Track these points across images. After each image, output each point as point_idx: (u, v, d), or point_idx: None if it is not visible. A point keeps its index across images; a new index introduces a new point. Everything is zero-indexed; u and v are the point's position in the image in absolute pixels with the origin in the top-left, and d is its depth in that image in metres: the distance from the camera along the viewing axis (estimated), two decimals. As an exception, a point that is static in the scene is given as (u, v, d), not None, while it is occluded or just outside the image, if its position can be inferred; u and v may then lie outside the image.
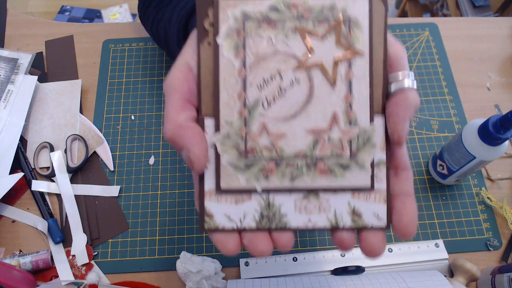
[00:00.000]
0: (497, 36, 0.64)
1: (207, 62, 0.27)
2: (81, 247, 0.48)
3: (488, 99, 0.59)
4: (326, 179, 0.26)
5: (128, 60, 0.61)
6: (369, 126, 0.26)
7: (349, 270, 0.45)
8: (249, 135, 0.26)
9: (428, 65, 0.61)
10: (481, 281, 0.46)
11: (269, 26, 0.27)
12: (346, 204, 0.27)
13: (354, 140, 0.27)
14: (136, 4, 0.56)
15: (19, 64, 0.58)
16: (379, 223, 0.26)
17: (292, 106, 0.26)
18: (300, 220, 0.27)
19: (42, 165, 0.53)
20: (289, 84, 0.26)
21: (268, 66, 0.26)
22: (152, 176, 0.53)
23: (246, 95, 0.26)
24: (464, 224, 0.50)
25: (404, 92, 0.26)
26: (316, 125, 0.26)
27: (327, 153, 0.26)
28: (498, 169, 0.54)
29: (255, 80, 0.26)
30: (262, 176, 0.26)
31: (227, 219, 0.26)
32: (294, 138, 0.26)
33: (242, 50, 0.26)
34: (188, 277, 0.45)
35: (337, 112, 0.27)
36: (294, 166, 0.26)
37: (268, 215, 0.27)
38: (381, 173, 0.27)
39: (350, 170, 0.26)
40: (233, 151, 0.26)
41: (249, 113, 0.26)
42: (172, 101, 0.26)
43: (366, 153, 0.27)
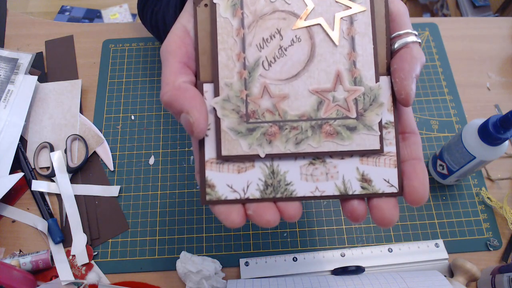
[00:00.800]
0: (497, 36, 0.64)
1: (204, 25, 0.26)
2: (81, 247, 0.48)
3: (488, 99, 0.59)
4: (333, 142, 0.25)
5: (128, 60, 0.61)
6: (375, 84, 0.25)
7: (349, 270, 0.45)
8: (250, 98, 0.25)
9: (428, 65, 0.61)
10: (481, 281, 0.46)
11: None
12: (354, 170, 0.25)
13: (360, 100, 0.25)
14: (136, 4, 0.56)
15: (19, 64, 0.58)
16: (391, 189, 0.25)
17: (294, 65, 0.25)
18: (306, 188, 0.25)
19: (42, 165, 0.53)
20: (289, 43, 0.25)
21: (267, 25, 0.25)
22: (152, 176, 0.53)
23: (245, 55, 0.25)
24: (464, 224, 0.50)
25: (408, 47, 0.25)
26: (319, 85, 0.25)
27: (332, 114, 0.25)
28: (498, 169, 0.54)
29: (254, 40, 0.25)
30: (265, 141, 0.25)
31: (229, 190, 0.25)
32: (297, 99, 0.25)
33: (239, 9, 0.25)
34: (188, 277, 0.45)
35: (341, 70, 0.25)
36: (298, 129, 0.25)
37: (273, 184, 0.25)
38: (389, 135, 0.25)
39: (357, 131, 0.25)
40: (234, 114, 0.25)
41: (249, 74, 0.25)
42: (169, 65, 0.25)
43: (374, 113, 0.25)
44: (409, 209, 0.51)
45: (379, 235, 0.50)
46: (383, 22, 0.26)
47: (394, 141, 0.25)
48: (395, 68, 0.25)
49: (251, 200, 0.25)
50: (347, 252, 0.48)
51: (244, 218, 0.25)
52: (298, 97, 0.25)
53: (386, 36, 0.26)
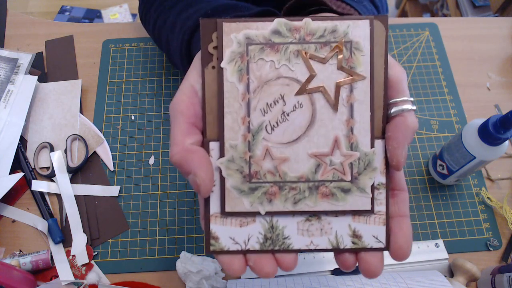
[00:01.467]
0: (497, 36, 0.64)
1: (211, 86, 0.27)
2: (81, 247, 0.48)
3: (488, 99, 0.59)
4: (328, 202, 0.27)
5: (128, 60, 0.61)
6: (370, 150, 0.27)
7: (349, 270, 0.45)
8: (253, 159, 0.27)
9: (428, 65, 0.61)
10: (481, 281, 0.46)
11: (272, 50, 0.27)
12: (346, 227, 0.27)
13: (355, 164, 0.27)
14: (136, 4, 0.56)
15: (19, 64, 0.58)
16: (378, 244, 0.27)
17: (295, 130, 0.27)
18: (302, 242, 0.28)
19: (42, 165, 0.53)
20: (292, 108, 0.27)
21: (271, 90, 0.27)
22: (152, 176, 0.53)
23: (250, 119, 0.27)
24: (464, 224, 0.50)
25: (403, 116, 0.26)
26: (318, 149, 0.27)
27: (328, 177, 0.27)
28: (498, 169, 0.54)
29: (258, 105, 0.27)
30: (265, 199, 0.27)
31: (232, 242, 0.27)
32: (297, 162, 0.27)
33: (245, 74, 0.27)
34: (188, 277, 0.45)
35: (339, 136, 0.27)
36: (297, 190, 0.27)
37: (271, 237, 0.27)
38: (381, 195, 0.27)
39: (351, 193, 0.27)
40: (238, 174, 0.27)
41: (253, 137, 0.27)
42: (178, 124, 0.26)
43: (367, 177, 0.27)
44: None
45: (379, 235, 0.50)
46: (382, 88, 0.27)
47: (385, 201, 0.27)
48: (389, 135, 0.26)
49: (251, 251, 0.27)
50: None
51: (245, 267, 0.27)
52: (298, 160, 0.27)
53: (384, 102, 0.27)
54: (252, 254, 0.27)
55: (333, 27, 0.27)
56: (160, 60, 0.61)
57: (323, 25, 0.27)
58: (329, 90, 0.27)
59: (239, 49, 0.27)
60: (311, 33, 0.27)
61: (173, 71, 0.60)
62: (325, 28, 0.27)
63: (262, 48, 0.27)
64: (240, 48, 0.27)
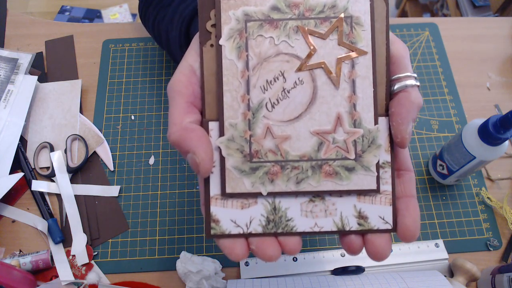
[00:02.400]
0: (497, 36, 0.64)
1: (210, 65, 0.27)
2: (81, 247, 0.48)
3: (488, 99, 0.59)
4: (332, 181, 0.26)
5: (128, 60, 0.61)
6: (374, 127, 0.26)
7: (349, 270, 0.45)
8: (253, 138, 0.26)
9: (428, 65, 0.61)
10: (481, 281, 0.46)
11: (271, 26, 0.26)
12: (352, 207, 0.27)
13: (359, 142, 0.26)
14: (136, 4, 0.56)
15: (19, 64, 0.58)
16: (385, 225, 0.26)
17: (296, 107, 0.26)
18: (306, 224, 0.27)
19: (42, 165, 0.53)
20: (292, 85, 0.26)
21: (271, 67, 0.26)
22: (152, 176, 0.53)
23: (249, 97, 0.26)
24: (464, 224, 0.50)
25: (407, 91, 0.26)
26: (320, 127, 0.26)
27: (332, 155, 0.26)
28: (498, 169, 0.54)
29: (258, 82, 0.26)
30: (267, 179, 0.26)
31: (233, 225, 0.26)
32: (298, 140, 0.26)
33: (244, 51, 0.26)
34: (188, 277, 0.45)
35: (341, 113, 0.26)
36: (299, 169, 0.26)
37: (274, 220, 0.26)
38: (386, 174, 0.27)
39: (355, 172, 0.26)
40: (238, 154, 0.26)
41: (253, 116, 0.26)
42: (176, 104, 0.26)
43: (372, 155, 0.26)
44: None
45: (379, 235, 0.50)
46: (384, 64, 0.27)
47: (390, 180, 0.27)
48: (392, 111, 0.26)
49: (253, 235, 0.26)
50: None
51: (247, 252, 0.26)
52: (300, 138, 0.26)
53: (386, 78, 0.27)
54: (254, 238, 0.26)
55: (332, 2, 0.26)
56: (160, 60, 0.61)
57: (322, 1, 0.26)
58: (330, 66, 0.26)
59: (237, 26, 0.26)
60: (310, 8, 0.26)
61: (173, 71, 0.60)
62: (324, 3, 0.26)
63: (261, 25, 0.26)
64: (239, 25, 0.26)
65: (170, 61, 0.61)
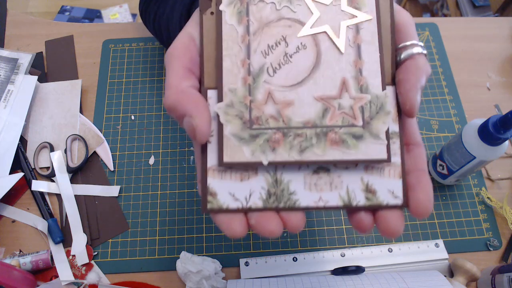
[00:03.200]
0: (497, 36, 0.64)
1: (210, 32, 0.26)
2: (81, 247, 0.48)
3: (488, 99, 0.59)
4: (338, 150, 0.24)
5: (128, 60, 0.61)
6: (382, 92, 0.25)
7: (349, 270, 0.45)
8: (254, 104, 0.24)
9: (428, 65, 0.61)
10: (481, 281, 0.46)
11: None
12: (359, 180, 0.25)
13: (366, 108, 0.25)
14: (136, 4, 0.56)
15: (19, 64, 0.58)
16: (395, 200, 0.24)
17: (299, 72, 0.25)
18: (310, 198, 0.24)
19: (42, 165, 0.53)
20: (295, 50, 0.25)
21: (272, 32, 0.25)
22: (152, 176, 0.53)
23: (250, 62, 0.25)
24: (464, 224, 0.50)
25: (414, 58, 0.25)
26: (325, 92, 0.25)
27: (338, 121, 0.24)
28: (498, 169, 0.54)
29: (259, 47, 0.25)
30: (268, 148, 0.24)
31: (231, 198, 0.24)
32: (302, 106, 0.25)
33: (245, 16, 0.25)
34: (188, 277, 0.45)
35: (347, 78, 0.25)
36: (303, 137, 0.24)
37: (276, 193, 0.24)
38: (394, 145, 0.25)
39: (363, 140, 0.24)
40: (237, 120, 0.24)
41: (253, 81, 0.25)
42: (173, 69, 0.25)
43: (380, 121, 0.24)
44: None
45: (379, 235, 0.50)
46: (389, 32, 0.26)
47: (399, 151, 0.25)
48: (400, 79, 0.25)
49: (253, 210, 0.24)
50: (347, 252, 0.48)
51: (246, 228, 0.24)
52: (303, 104, 0.25)
53: (392, 47, 0.26)
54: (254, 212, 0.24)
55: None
56: (160, 60, 0.61)
57: None
58: (334, 30, 0.25)
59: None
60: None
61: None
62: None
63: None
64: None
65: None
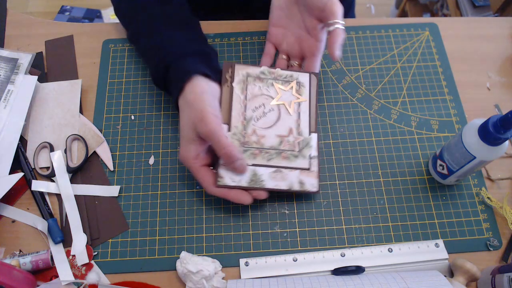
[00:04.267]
0: (497, 36, 0.64)
1: (226, 96, 0.51)
2: (81, 247, 0.48)
3: (488, 99, 0.59)
4: (285, 161, 0.49)
5: (128, 60, 0.61)
6: (309, 136, 0.50)
7: (349, 270, 0.45)
8: (246, 134, 0.49)
9: (428, 65, 0.61)
10: (481, 281, 0.46)
11: (259, 80, 0.52)
12: (296, 177, 0.49)
13: (301, 143, 0.50)
14: (136, 4, 0.56)
15: (19, 64, 0.58)
16: (313, 188, 0.49)
17: (269, 122, 0.50)
18: (271, 183, 0.48)
19: (42, 165, 0.53)
20: (268, 110, 0.51)
21: (257, 100, 0.51)
22: (152, 176, 0.53)
23: (245, 114, 0.50)
24: (464, 224, 0.50)
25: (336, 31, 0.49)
26: (281, 133, 0.50)
27: (286, 148, 0.49)
28: (498, 169, 0.54)
29: (250, 107, 0.51)
30: (252, 156, 0.49)
31: (231, 180, 0.47)
32: (269, 138, 0.50)
33: (245, 90, 0.51)
34: (188, 277, 0.45)
35: (292, 127, 0.50)
36: (269, 153, 0.49)
37: (254, 179, 0.48)
38: (314, 162, 0.50)
39: (298, 158, 0.49)
40: (237, 142, 0.49)
41: (247, 123, 0.50)
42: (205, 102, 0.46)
43: (307, 150, 0.50)
44: (409, 209, 0.51)
45: (379, 235, 0.50)
46: (314, 108, 0.52)
47: (317, 166, 0.49)
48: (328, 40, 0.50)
49: (242, 187, 0.48)
50: (347, 252, 0.48)
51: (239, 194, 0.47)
52: (270, 137, 0.50)
53: (316, 113, 0.52)
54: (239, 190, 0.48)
55: (291, 74, 0.53)
56: (160, 60, 0.61)
57: (285, 73, 0.53)
58: (287, 104, 0.51)
59: (242, 78, 0.52)
60: (279, 75, 0.53)
61: (173, 71, 0.60)
62: (286, 74, 0.53)
63: (254, 79, 0.52)
64: (243, 77, 0.52)
65: (170, 61, 0.61)
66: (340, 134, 0.56)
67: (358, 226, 0.50)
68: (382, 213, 0.51)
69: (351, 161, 0.54)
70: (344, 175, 0.53)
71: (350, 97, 0.59)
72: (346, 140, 0.55)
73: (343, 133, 0.56)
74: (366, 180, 0.53)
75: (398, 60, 0.61)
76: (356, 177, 0.53)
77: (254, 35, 0.63)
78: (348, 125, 0.56)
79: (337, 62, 0.61)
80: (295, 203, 0.51)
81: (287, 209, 0.51)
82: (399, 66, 0.61)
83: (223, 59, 0.61)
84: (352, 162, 0.54)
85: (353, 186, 0.52)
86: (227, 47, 0.62)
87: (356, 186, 0.53)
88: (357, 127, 0.56)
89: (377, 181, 0.53)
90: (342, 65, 0.61)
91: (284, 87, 0.51)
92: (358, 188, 0.52)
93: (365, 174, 0.53)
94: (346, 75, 0.60)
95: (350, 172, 0.53)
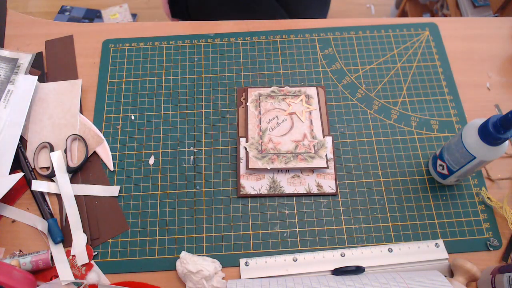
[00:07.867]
0: (497, 36, 0.64)
1: (242, 115, 0.57)
2: (81, 247, 0.48)
3: (488, 99, 0.59)
4: (303, 163, 0.52)
5: (128, 60, 0.61)
6: (323, 139, 0.54)
7: (349, 270, 0.45)
8: (263, 143, 0.54)
9: (428, 65, 0.61)
10: (481, 281, 0.46)
11: (271, 98, 0.57)
12: (314, 181, 0.52)
13: (316, 145, 0.54)
14: (136, 4, 0.56)
15: (19, 64, 0.58)
16: (332, 190, 0.52)
17: (284, 130, 0.55)
18: (290, 189, 0.52)
19: (42, 165, 0.53)
20: (282, 121, 0.55)
21: (271, 113, 0.56)
22: (152, 176, 0.53)
23: (261, 126, 0.55)
24: (464, 224, 0.50)
25: None
26: (296, 138, 0.54)
27: (302, 151, 0.53)
28: (498, 169, 0.54)
29: (265, 119, 0.56)
30: (270, 161, 0.52)
31: (251, 189, 0.52)
32: (285, 144, 0.54)
33: (258, 107, 0.56)
34: (188, 277, 0.45)
35: (306, 133, 0.55)
36: (286, 157, 0.53)
37: (273, 187, 0.52)
38: (331, 164, 0.53)
39: (314, 159, 0.53)
40: (255, 150, 0.53)
41: (262, 133, 0.55)
42: None
43: (323, 151, 0.53)
44: (409, 209, 0.51)
45: (379, 235, 0.50)
46: (325, 114, 0.56)
47: (333, 167, 0.53)
48: None
49: (263, 195, 0.52)
50: (347, 252, 0.48)
51: None
52: (286, 143, 0.54)
53: (327, 120, 0.56)
54: None
55: (299, 89, 0.58)
56: (160, 60, 0.61)
57: (294, 89, 0.58)
58: (299, 114, 0.56)
59: (255, 98, 0.57)
60: (289, 92, 0.58)
61: (173, 71, 0.60)
62: (295, 90, 0.58)
63: (266, 97, 0.57)
64: (256, 97, 0.57)
65: (170, 61, 0.61)
66: (340, 134, 0.56)
67: (358, 226, 0.50)
68: (382, 213, 0.51)
69: (351, 161, 0.54)
70: (344, 175, 0.53)
71: (350, 97, 0.59)
72: (346, 140, 0.55)
73: (343, 133, 0.56)
74: (366, 180, 0.53)
75: (398, 60, 0.61)
76: (356, 177, 0.53)
77: (255, 35, 0.63)
78: (348, 125, 0.56)
79: (337, 62, 0.61)
80: (295, 203, 0.52)
81: (287, 209, 0.51)
82: (399, 66, 0.61)
83: (223, 59, 0.61)
84: (352, 162, 0.54)
85: (353, 186, 0.53)
86: (227, 47, 0.62)
87: (356, 186, 0.53)
88: (357, 127, 0.56)
89: (377, 181, 0.53)
90: (342, 65, 0.61)
91: (294, 100, 0.56)
92: (358, 188, 0.52)
93: (365, 174, 0.53)
94: (346, 75, 0.60)
95: (350, 172, 0.53)
